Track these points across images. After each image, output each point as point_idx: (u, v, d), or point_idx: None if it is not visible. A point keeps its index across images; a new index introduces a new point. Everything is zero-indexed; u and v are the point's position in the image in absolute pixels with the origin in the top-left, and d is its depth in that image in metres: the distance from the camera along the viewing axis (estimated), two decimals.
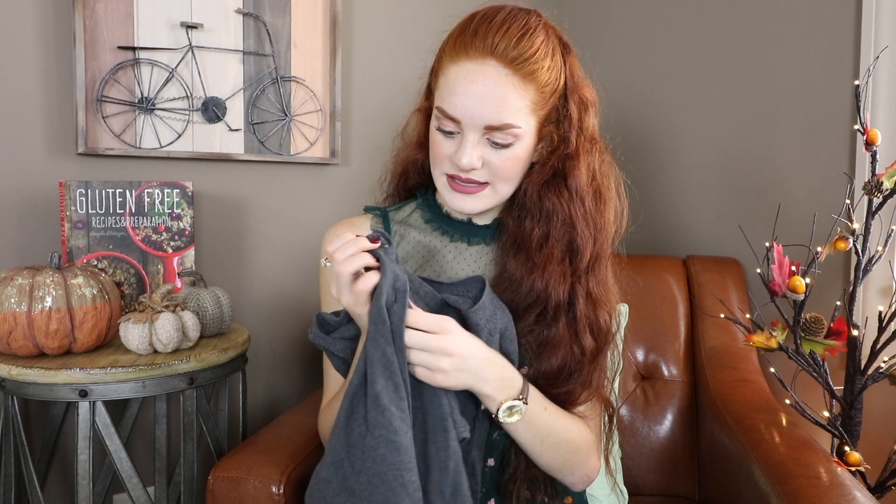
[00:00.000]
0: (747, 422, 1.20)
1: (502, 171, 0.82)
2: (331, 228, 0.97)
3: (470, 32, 0.80)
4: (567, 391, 0.85)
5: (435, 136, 0.84)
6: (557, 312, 0.83)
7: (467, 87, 0.78)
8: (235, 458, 1.00)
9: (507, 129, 0.79)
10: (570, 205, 0.83)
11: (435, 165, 0.86)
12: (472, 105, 0.78)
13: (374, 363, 0.71)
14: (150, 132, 1.44)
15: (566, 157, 0.84)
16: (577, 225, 0.84)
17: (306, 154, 1.64)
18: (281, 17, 1.58)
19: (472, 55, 0.78)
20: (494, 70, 0.78)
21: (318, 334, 0.83)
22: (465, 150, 0.80)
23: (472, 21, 0.81)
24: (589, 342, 0.84)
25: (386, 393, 0.70)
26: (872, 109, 1.42)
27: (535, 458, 0.84)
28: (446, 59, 0.82)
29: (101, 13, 1.37)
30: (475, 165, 0.81)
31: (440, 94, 0.82)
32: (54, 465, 1.35)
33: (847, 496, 0.90)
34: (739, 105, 1.66)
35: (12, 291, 1.06)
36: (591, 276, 0.86)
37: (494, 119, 0.78)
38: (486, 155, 0.81)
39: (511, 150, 0.81)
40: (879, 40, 1.40)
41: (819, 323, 1.27)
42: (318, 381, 1.35)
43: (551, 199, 0.83)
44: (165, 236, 1.34)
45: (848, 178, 1.37)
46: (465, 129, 0.80)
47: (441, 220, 0.93)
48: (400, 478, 0.69)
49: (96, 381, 1.05)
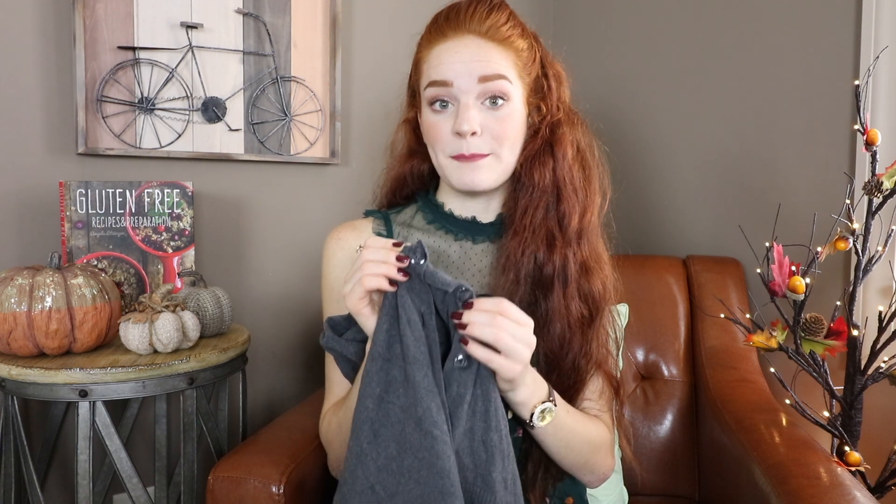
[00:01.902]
0: (747, 422, 1.20)
1: (501, 133, 0.83)
2: (332, 232, 0.96)
3: (442, 19, 0.85)
4: (571, 366, 0.86)
5: (430, 118, 0.86)
6: (551, 282, 0.85)
7: (453, 55, 0.83)
8: (235, 458, 1.00)
9: (497, 79, 0.82)
10: (557, 173, 0.86)
11: (437, 150, 0.87)
12: (460, 66, 0.82)
13: (417, 386, 0.70)
14: (150, 132, 1.44)
15: (553, 125, 0.88)
16: (565, 193, 0.86)
17: (306, 154, 1.64)
18: (281, 17, 1.58)
19: (448, 35, 0.83)
20: (473, 40, 0.82)
21: (332, 337, 0.82)
22: (465, 114, 0.82)
23: (442, 12, 0.87)
24: (583, 309, 0.86)
25: (429, 416, 0.69)
26: (872, 109, 1.42)
27: (560, 459, 0.85)
28: (424, 50, 0.86)
29: (101, 13, 1.37)
30: (475, 128, 0.82)
31: (427, 73, 0.85)
32: (54, 465, 1.35)
33: (847, 496, 0.90)
34: (739, 105, 1.66)
35: (12, 291, 1.06)
36: (582, 244, 0.87)
37: (485, 70, 0.81)
38: (484, 120, 0.83)
39: (506, 108, 0.83)
40: (879, 40, 1.40)
41: (819, 323, 1.27)
42: (318, 381, 1.35)
43: (540, 170, 0.86)
44: (165, 236, 1.34)
45: (848, 178, 1.37)
46: (459, 94, 0.82)
47: (444, 220, 0.93)
48: (443, 500, 0.68)
49: (96, 381, 1.05)
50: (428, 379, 0.70)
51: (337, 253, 0.94)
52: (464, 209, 0.92)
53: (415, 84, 0.90)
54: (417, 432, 0.69)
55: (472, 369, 0.73)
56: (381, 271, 0.72)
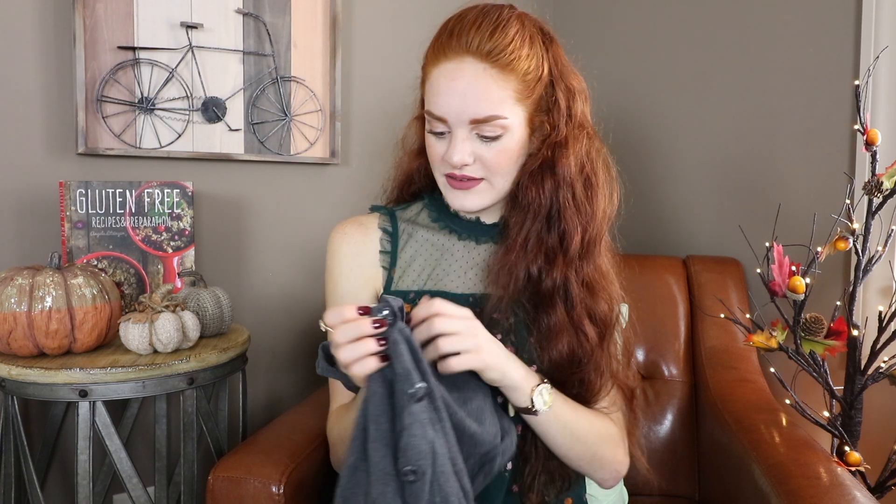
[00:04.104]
0: (747, 422, 1.20)
1: (495, 164, 0.83)
2: (338, 226, 0.96)
3: (446, 34, 0.82)
4: (581, 379, 0.85)
5: (429, 139, 0.86)
6: (553, 298, 0.84)
7: (448, 85, 0.80)
8: (235, 458, 1.00)
9: (492, 120, 0.80)
10: (557, 192, 0.84)
11: (434, 168, 0.88)
12: (454, 102, 0.80)
13: (374, 467, 0.67)
14: (150, 132, 1.44)
15: (555, 145, 0.85)
16: (566, 212, 0.84)
17: (306, 154, 1.64)
18: (281, 17, 1.58)
19: (449, 55, 0.81)
20: (472, 66, 0.79)
21: (326, 367, 0.80)
22: (454, 147, 0.82)
23: (449, 23, 0.84)
24: (590, 329, 0.85)
25: (382, 500, 0.67)
26: (872, 109, 1.42)
27: (565, 453, 0.84)
28: (429, 65, 0.84)
29: (101, 13, 1.37)
30: (466, 161, 0.82)
31: (427, 98, 0.84)
32: (54, 465, 1.35)
33: (847, 496, 0.90)
34: (739, 105, 1.66)
35: (12, 291, 1.06)
36: (585, 262, 0.86)
37: (478, 112, 0.80)
38: (478, 150, 0.82)
39: (500, 142, 0.82)
40: (879, 40, 1.40)
41: (819, 323, 1.27)
42: (319, 381, 1.35)
43: (538, 188, 0.84)
44: (165, 236, 1.34)
45: (848, 178, 1.37)
46: (453, 127, 0.82)
47: (449, 219, 0.94)
48: None
49: (96, 381, 1.05)
50: (386, 461, 0.67)
51: (342, 246, 0.93)
52: None
53: (421, 91, 0.89)
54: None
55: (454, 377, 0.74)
56: (354, 335, 0.69)
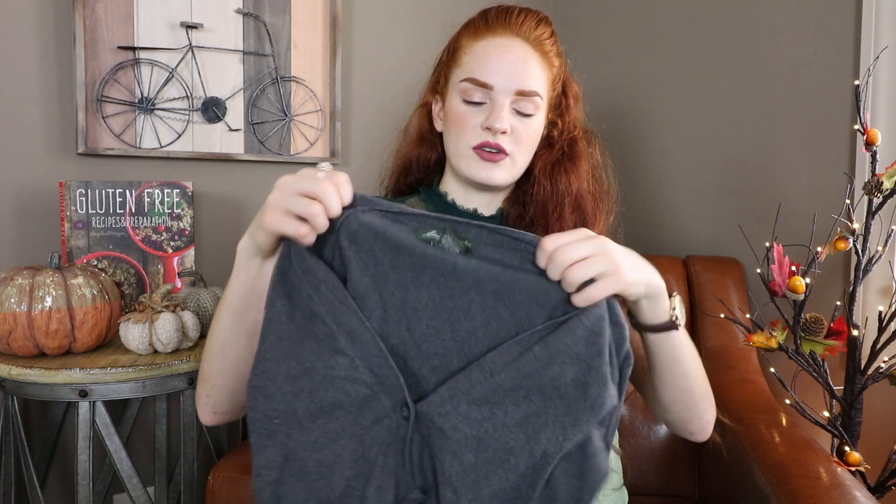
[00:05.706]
0: (747, 422, 1.20)
1: (525, 140, 0.86)
2: None
3: (492, 15, 0.86)
4: None
5: (460, 109, 0.87)
6: None
7: (500, 55, 0.84)
8: (235, 458, 1.00)
9: (533, 96, 0.84)
10: (580, 183, 0.89)
11: (460, 139, 0.87)
12: (505, 70, 0.83)
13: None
14: (150, 132, 1.44)
15: (572, 140, 0.91)
16: (585, 203, 0.89)
17: (306, 154, 1.64)
18: (281, 17, 1.58)
19: (498, 33, 0.85)
20: (521, 46, 0.84)
21: None
22: (498, 113, 0.84)
23: (489, 11, 0.88)
24: None
25: None
26: (872, 109, 1.42)
27: (690, 384, 0.77)
28: (470, 40, 0.87)
29: (101, 13, 1.37)
30: (506, 128, 0.84)
31: (467, 67, 0.86)
32: (54, 465, 1.35)
33: (847, 496, 0.90)
34: (739, 105, 1.66)
35: (12, 291, 1.06)
36: None
37: (525, 84, 0.84)
38: (513, 123, 0.86)
39: (533, 120, 0.86)
40: (879, 40, 1.40)
41: (819, 323, 1.27)
42: None
43: (565, 177, 0.89)
44: (165, 236, 1.34)
45: (848, 178, 1.37)
46: (497, 95, 0.84)
47: (446, 210, 0.94)
48: None
49: (96, 381, 1.05)
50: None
51: None
52: (466, 201, 0.93)
53: (446, 71, 0.91)
54: None
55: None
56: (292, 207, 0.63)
